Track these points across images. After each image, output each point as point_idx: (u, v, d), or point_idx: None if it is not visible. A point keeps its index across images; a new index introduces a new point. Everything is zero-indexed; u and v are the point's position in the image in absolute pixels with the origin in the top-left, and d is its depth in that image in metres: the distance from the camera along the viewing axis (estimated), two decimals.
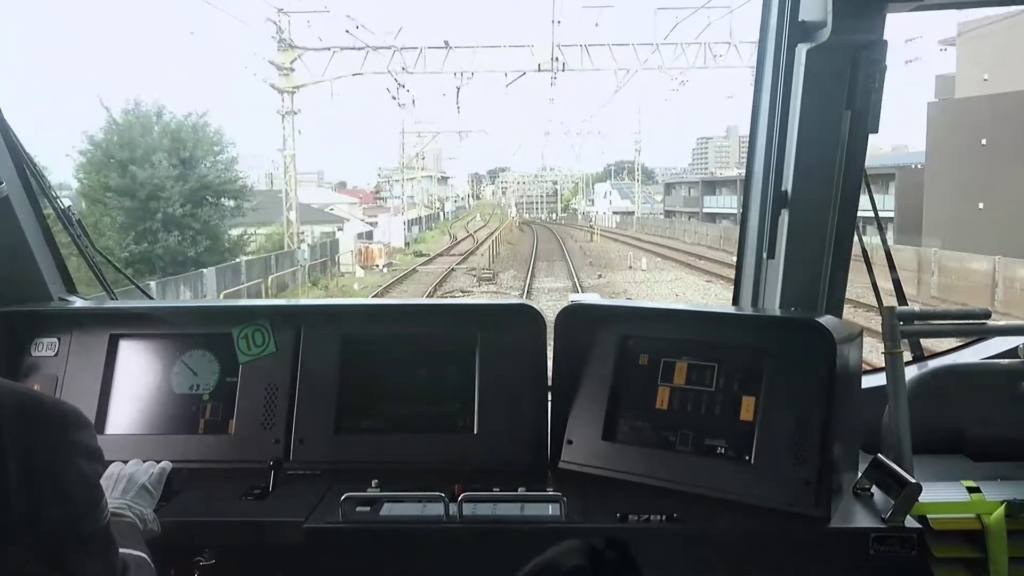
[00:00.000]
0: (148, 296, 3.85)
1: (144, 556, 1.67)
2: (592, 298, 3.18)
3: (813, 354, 2.14)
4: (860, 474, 2.20)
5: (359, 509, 2.12)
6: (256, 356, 2.59)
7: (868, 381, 2.51)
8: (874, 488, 2.16)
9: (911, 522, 2.02)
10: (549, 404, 2.50)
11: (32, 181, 2.81)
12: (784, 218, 2.49)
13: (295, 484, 2.35)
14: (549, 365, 2.53)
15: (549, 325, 2.53)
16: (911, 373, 2.51)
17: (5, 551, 1.25)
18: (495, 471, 2.32)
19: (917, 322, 2.47)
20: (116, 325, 2.67)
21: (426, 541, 2.11)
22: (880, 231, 3.00)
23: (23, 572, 1.28)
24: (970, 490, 2.15)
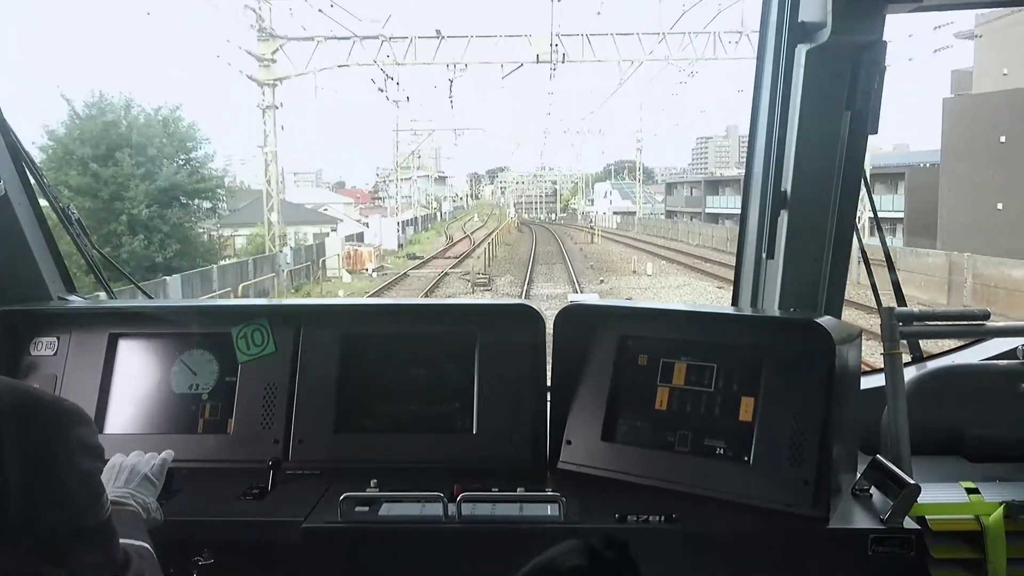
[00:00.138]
0: (147, 295, 3.85)
1: (147, 546, 1.68)
2: (591, 298, 3.18)
3: (812, 355, 2.14)
4: (859, 475, 2.20)
5: (358, 509, 2.12)
6: (255, 356, 2.59)
7: (867, 382, 2.51)
8: (873, 489, 2.17)
9: (910, 523, 2.02)
10: (548, 404, 2.51)
11: (32, 180, 2.81)
12: (783, 218, 2.49)
13: (294, 484, 2.35)
14: (548, 365, 2.53)
15: (548, 325, 2.53)
16: (910, 374, 2.51)
17: (5, 548, 1.26)
18: (494, 471, 2.32)
19: (916, 323, 2.48)
20: (115, 324, 2.67)
21: (425, 541, 2.11)
22: (880, 232, 3.01)
23: (23, 569, 1.28)
24: (969, 491, 2.15)
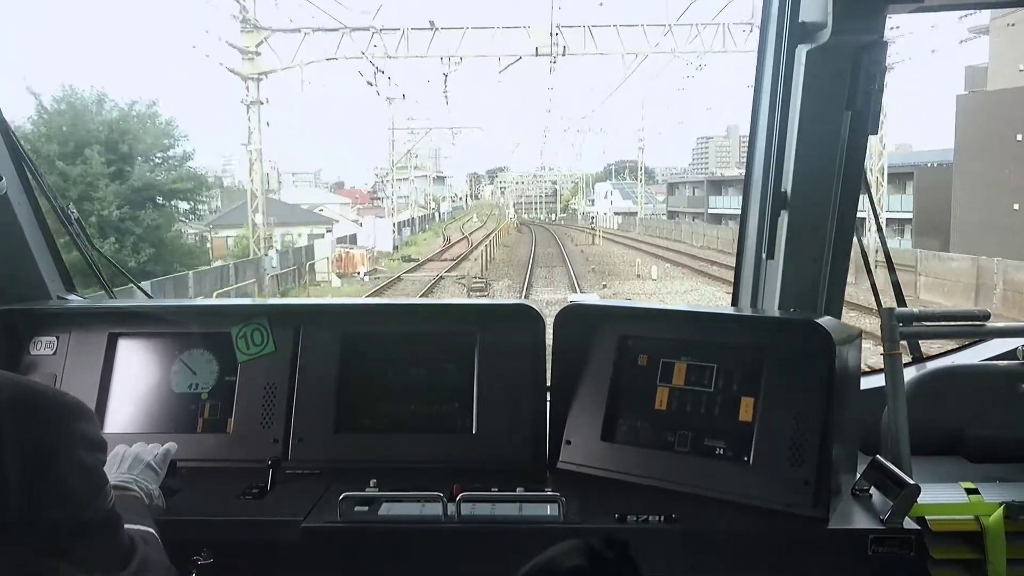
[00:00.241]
0: (147, 295, 3.85)
1: (151, 531, 1.69)
2: (591, 298, 3.19)
3: (812, 355, 2.14)
4: (859, 475, 2.20)
5: (357, 509, 2.12)
6: (255, 355, 2.59)
7: (867, 382, 2.51)
8: (873, 489, 2.16)
9: (909, 523, 2.02)
10: (548, 404, 2.50)
11: (31, 179, 2.81)
12: (783, 219, 2.49)
13: (294, 483, 2.35)
14: (548, 365, 2.53)
15: (548, 325, 2.53)
16: (910, 374, 2.51)
17: (6, 544, 1.26)
18: (494, 471, 2.32)
19: (916, 323, 2.48)
20: (115, 324, 2.67)
21: (424, 541, 2.11)
22: (880, 232, 3.01)
23: (25, 565, 1.28)
24: (968, 491, 2.15)
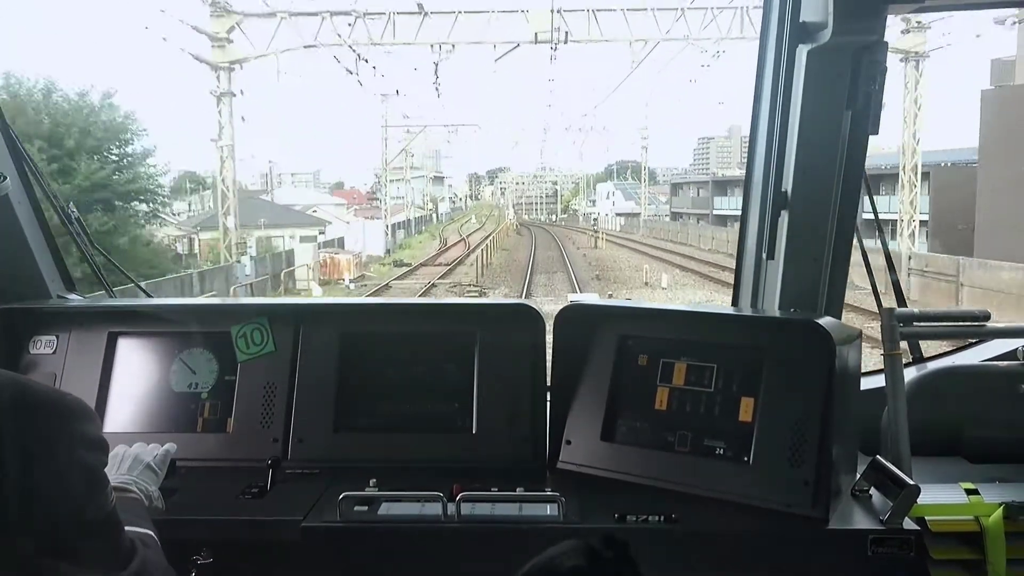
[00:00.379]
0: (147, 294, 3.85)
1: (150, 533, 1.69)
2: (591, 298, 3.18)
3: (812, 355, 2.14)
4: (859, 475, 2.20)
5: (357, 508, 2.12)
6: (255, 355, 2.59)
7: (867, 382, 2.51)
8: (872, 489, 2.16)
9: (909, 524, 2.02)
10: (548, 404, 2.50)
11: (32, 179, 2.81)
12: (784, 219, 2.49)
13: (293, 483, 2.35)
14: (548, 365, 2.53)
15: (548, 325, 2.53)
16: (910, 375, 2.51)
17: (6, 543, 1.26)
18: (493, 471, 2.32)
19: (916, 324, 2.47)
20: (115, 323, 2.67)
21: (424, 541, 2.11)
22: (880, 233, 3.01)
23: (26, 564, 1.28)
24: (968, 492, 2.15)
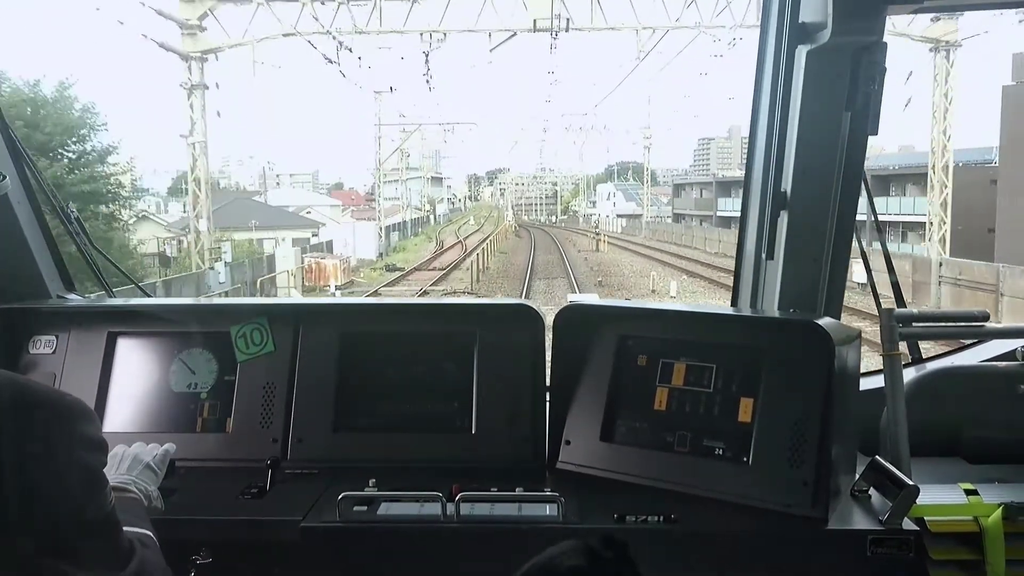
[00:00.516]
0: (146, 294, 3.85)
1: (149, 534, 1.69)
2: (591, 298, 3.19)
3: (811, 355, 2.14)
4: (858, 476, 2.20)
5: (356, 508, 2.12)
6: (254, 355, 2.59)
7: (866, 383, 2.51)
8: (872, 490, 2.16)
9: (908, 524, 2.02)
10: (547, 404, 2.50)
11: (31, 179, 2.81)
12: (783, 219, 2.49)
13: (292, 483, 2.34)
14: (548, 365, 2.53)
15: (548, 325, 2.53)
16: (909, 375, 2.51)
17: (6, 543, 1.26)
18: (493, 471, 2.32)
19: (915, 324, 2.47)
20: (114, 323, 2.67)
21: (423, 541, 2.11)
22: (880, 234, 3.01)
23: (26, 564, 1.28)
24: (967, 492, 2.15)
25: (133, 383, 2.62)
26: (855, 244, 2.57)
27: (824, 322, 2.17)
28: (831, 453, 2.08)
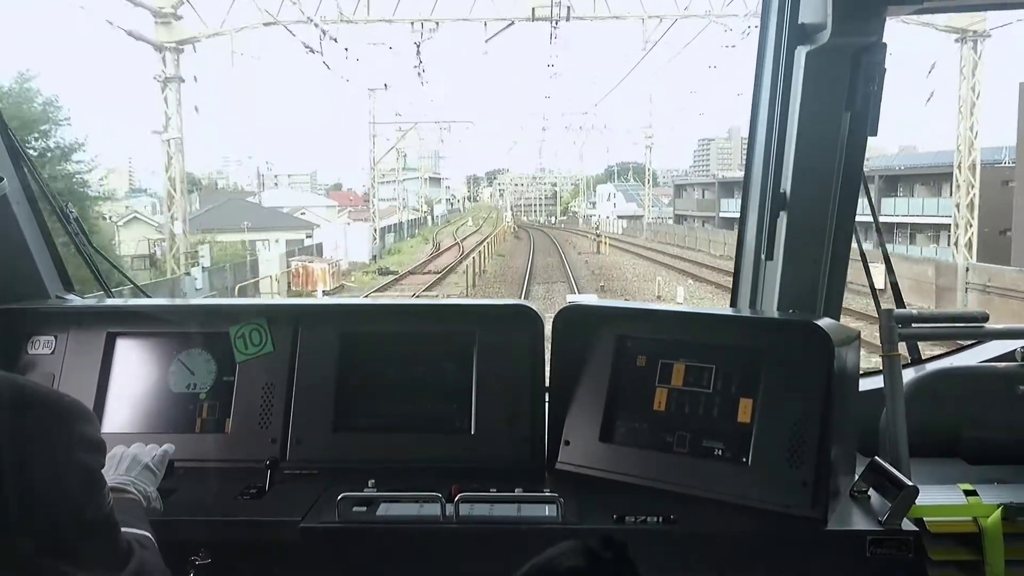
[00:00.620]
0: (145, 295, 3.85)
1: (148, 535, 1.69)
2: (590, 299, 3.18)
3: (811, 356, 2.14)
4: (857, 476, 2.20)
5: (356, 509, 2.12)
6: (253, 355, 2.59)
7: (866, 383, 2.51)
8: (871, 490, 2.17)
9: (908, 525, 2.02)
10: (547, 405, 2.50)
11: (31, 180, 2.81)
12: (783, 220, 2.49)
13: (292, 483, 2.34)
14: (547, 366, 2.53)
15: (547, 326, 2.53)
16: (908, 376, 2.51)
17: (5, 543, 1.26)
18: (492, 471, 2.32)
19: (915, 325, 2.47)
20: (113, 323, 2.67)
21: (422, 541, 2.11)
22: (880, 234, 3.01)
23: (25, 564, 1.28)
24: (967, 493, 2.15)
25: (132, 383, 2.62)
26: (855, 245, 2.57)
27: (823, 323, 2.17)
28: (830, 454, 2.08)
